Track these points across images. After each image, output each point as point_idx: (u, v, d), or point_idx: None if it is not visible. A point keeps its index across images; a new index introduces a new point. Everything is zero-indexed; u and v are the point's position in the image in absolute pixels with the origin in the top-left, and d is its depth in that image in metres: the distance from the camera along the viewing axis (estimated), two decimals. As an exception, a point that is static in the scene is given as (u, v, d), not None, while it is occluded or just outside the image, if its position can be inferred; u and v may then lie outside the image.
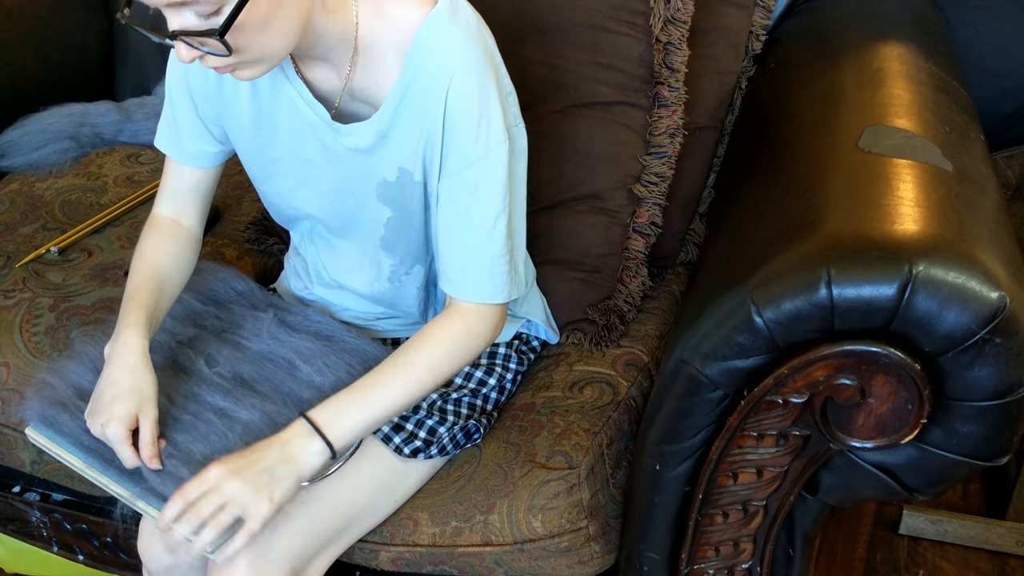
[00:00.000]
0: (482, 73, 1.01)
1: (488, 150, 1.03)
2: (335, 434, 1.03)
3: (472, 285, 1.08)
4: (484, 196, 1.05)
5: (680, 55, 1.33)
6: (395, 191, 1.10)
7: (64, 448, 1.12)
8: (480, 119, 1.02)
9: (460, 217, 1.06)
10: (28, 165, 1.71)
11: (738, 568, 1.10)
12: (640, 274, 1.37)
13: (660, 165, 1.35)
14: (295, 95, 1.08)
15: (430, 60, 1.00)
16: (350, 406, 1.04)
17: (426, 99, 1.02)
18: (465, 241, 1.07)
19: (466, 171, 1.04)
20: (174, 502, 1.00)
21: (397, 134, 1.06)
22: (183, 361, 1.20)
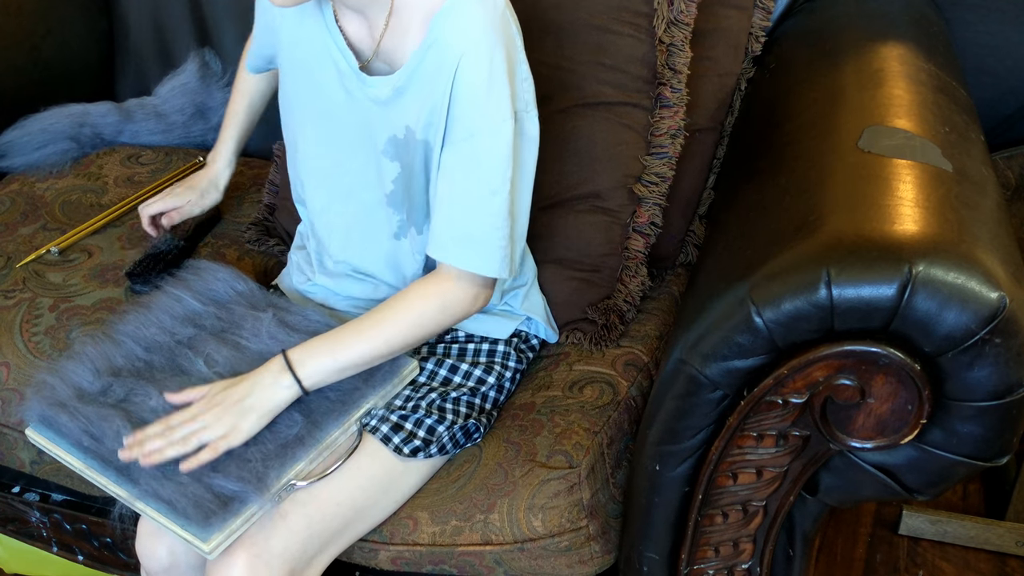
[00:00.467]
0: (494, 56, 1.05)
1: (492, 125, 1.06)
2: (304, 372, 1.11)
3: (460, 251, 1.11)
4: (484, 168, 1.08)
5: (683, 57, 1.33)
6: (403, 148, 1.14)
7: (63, 449, 1.12)
8: (487, 96, 1.06)
9: (458, 185, 1.10)
10: (28, 165, 1.71)
11: (738, 568, 1.10)
12: (640, 274, 1.38)
13: (661, 165, 1.35)
14: (331, 42, 1.15)
15: (449, 33, 1.05)
16: (321, 349, 1.12)
17: (438, 69, 1.07)
18: (460, 208, 1.10)
19: (468, 142, 1.08)
20: (157, 425, 1.10)
21: (409, 94, 1.11)
22: (183, 361, 1.20)
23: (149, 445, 1.08)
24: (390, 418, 1.17)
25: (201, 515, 1.04)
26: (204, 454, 1.07)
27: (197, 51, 1.82)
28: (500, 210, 1.09)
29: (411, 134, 1.13)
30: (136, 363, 1.20)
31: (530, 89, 1.11)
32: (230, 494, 1.06)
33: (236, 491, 1.06)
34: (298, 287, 1.34)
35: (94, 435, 1.11)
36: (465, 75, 1.05)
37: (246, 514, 1.06)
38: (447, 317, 1.14)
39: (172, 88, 1.80)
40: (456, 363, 1.25)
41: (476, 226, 1.10)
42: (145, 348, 1.21)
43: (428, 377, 1.23)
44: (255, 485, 1.06)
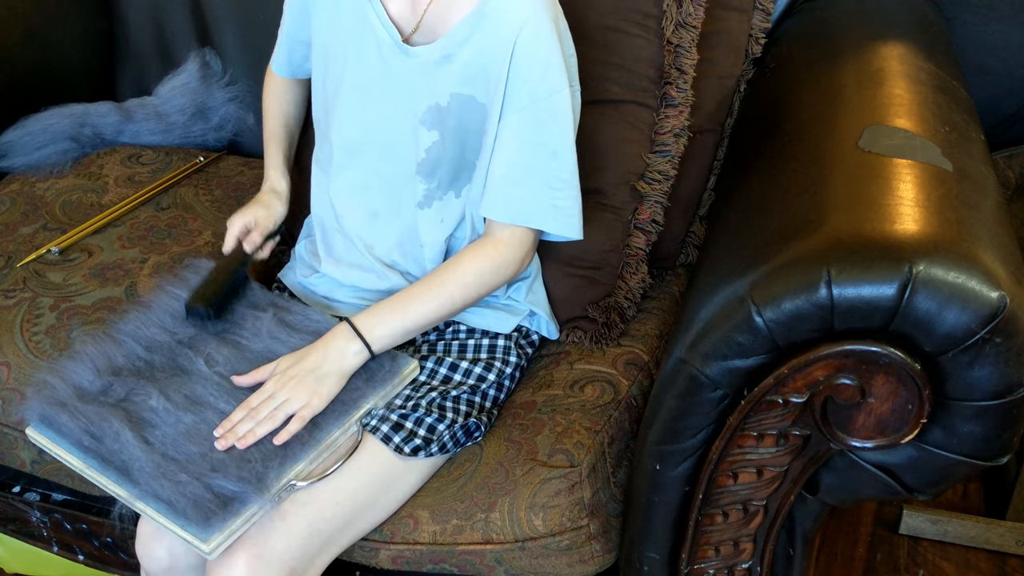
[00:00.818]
0: (550, 29, 1.11)
1: (551, 92, 1.12)
2: (373, 337, 1.16)
3: (530, 214, 1.16)
4: (545, 132, 1.13)
5: (690, 58, 1.35)
6: (446, 115, 1.17)
7: (64, 448, 1.12)
8: (546, 67, 1.11)
9: (520, 151, 1.14)
10: (29, 165, 1.71)
11: (738, 568, 1.10)
12: (640, 271, 1.38)
13: (664, 163, 1.36)
14: (372, 15, 1.18)
15: (508, 5, 1.11)
16: (388, 315, 1.17)
17: (494, 40, 1.12)
18: (522, 172, 1.15)
19: (527, 110, 1.12)
20: (239, 410, 1.13)
21: (458, 62, 1.15)
22: (183, 361, 1.20)
23: (240, 429, 1.11)
24: (390, 417, 1.17)
25: (201, 515, 1.04)
26: (292, 424, 1.11)
27: (197, 51, 1.82)
28: (560, 171, 1.15)
29: (459, 98, 1.16)
30: (136, 362, 1.20)
31: (575, 65, 1.16)
32: (230, 494, 1.06)
33: (236, 491, 1.06)
34: (302, 281, 1.35)
35: (94, 435, 1.11)
36: (524, 45, 1.10)
37: (246, 514, 1.06)
38: (500, 278, 1.20)
39: (172, 88, 1.80)
40: (456, 361, 1.25)
41: (543, 186, 1.15)
42: (146, 347, 1.21)
43: (428, 376, 1.23)
44: (255, 485, 1.06)
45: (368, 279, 1.28)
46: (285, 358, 1.17)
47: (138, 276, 1.46)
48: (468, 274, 1.18)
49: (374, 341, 1.16)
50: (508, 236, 1.18)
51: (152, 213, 1.62)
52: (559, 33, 1.12)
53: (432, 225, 1.25)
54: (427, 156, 1.20)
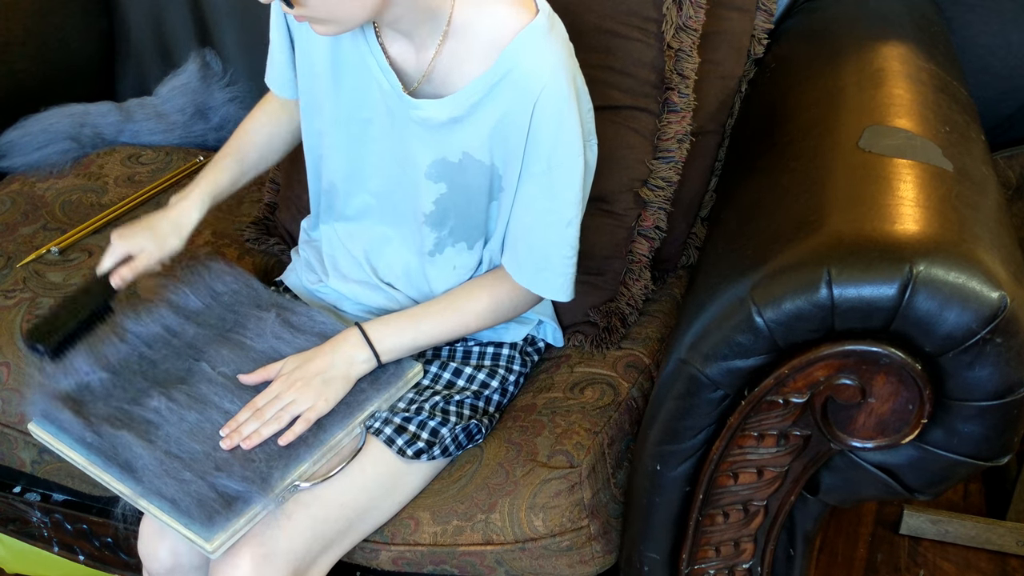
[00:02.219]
0: (569, 92, 1.06)
1: (568, 160, 1.09)
2: (382, 348, 1.16)
3: (539, 280, 1.16)
4: (560, 200, 1.11)
5: (691, 62, 1.34)
6: (455, 171, 1.14)
7: (66, 444, 1.12)
8: (565, 131, 1.07)
9: (536, 217, 1.13)
10: (29, 165, 1.71)
11: (739, 568, 1.10)
12: (643, 278, 1.38)
13: (667, 170, 1.35)
14: (371, 60, 1.12)
15: (525, 66, 1.05)
16: (401, 328, 1.17)
17: (512, 101, 1.07)
18: (539, 239, 1.14)
19: (546, 175, 1.09)
20: (245, 410, 1.13)
21: (471, 122, 1.10)
22: (185, 360, 1.20)
23: (246, 429, 1.11)
24: (394, 420, 1.17)
25: (204, 514, 1.04)
26: (298, 426, 1.11)
27: (198, 51, 1.82)
28: (573, 240, 1.14)
29: (472, 160, 1.12)
30: (139, 360, 1.20)
31: (592, 118, 1.13)
32: (234, 493, 1.06)
33: (240, 491, 1.06)
34: (308, 286, 1.33)
35: (97, 432, 1.11)
36: (545, 110, 1.06)
37: (249, 514, 1.06)
38: (515, 312, 1.21)
39: (172, 88, 1.80)
40: (460, 367, 1.25)
41: (553, 255, 1.14)
42: (148, 345, 1.21)
43: (432, 380, 1.23)
44: (259, 485, 1.06)
45: (375, 298, 1.28)
46: (292, 359, 1.17)
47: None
48: (485, 307, 1.19)
49: (383, 352, 1.16)
50: None
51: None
52: (577, 93, 1.08)
53: (444, 272, 1.23)
54: (436, 208, 1.17)
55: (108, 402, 1.15)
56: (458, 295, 1.20)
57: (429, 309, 1.19)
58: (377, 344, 1.16)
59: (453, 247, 1.21)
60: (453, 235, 1.20)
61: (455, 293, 1.20)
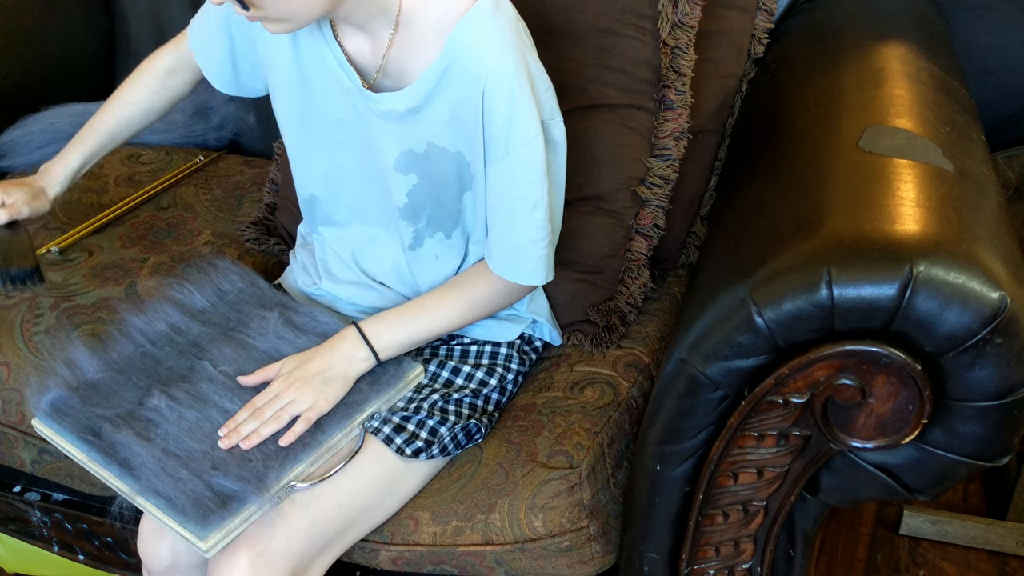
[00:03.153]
0: (518, 71, 1.05)
1: (525, 141, 1.08)
2: (380, 345, 1.16)
3: (510, 266, 1.15)
4: (522, 183, 1.10)
5: (687, 59, 1.33)
6: (423, 161, 1.14)
7: (68, 441, 1.12)
8: (516, 115, 1.06)
9: (502, 203, 1.12)
10: (29, 165, 1.71)
11: (739, 568, 1.10)
12: (642, 276, 1.37)
13: (664, 168, 1.35)
14: (331, 58, 1.13)
15: (470, 52, 1.05)
16: (397, 323, 1.17)
17: (462, 87, 1.07)
18: (506, 225, 1.13)
19: (503, 161, 1.09)
20: (243, 411, 1.13)
21: (428, 112, 1.10)
22: (189, 359, 1.20)
23: (244, 429, 1.11)
24: (392, 419, 1.17)
25: (199, 513, 1.04)
26: (298, 426, 1.11)
27: (198, 51, 1.82)
28: (541, 222, 1.12)
29: (435, 148, 1.13)
30: (142, 358, 1.20)
31: (552, 96, 1.12)
32: (229, 493, 1.06)
33: (235, 490, 1.06)
34: (304, 289, 1.34)
35: (97, 429, 1.12)
36: (495, 93, 1.05)
37: (244, 514, 1.06)
38: (510, 300, 1.22)
39: (173, 88, 1.80)
40: (458, 365, 1.25)
41: (521, 239, 1.13)
42: (152, 343, 1.22)
43: (430, 379, 1.23)
44: (254, 485, 1.06)
45: (368, 297, 1.28)
46: (291, 359, 1.17)
47: (138, 275, 1.46)
48: (480, 296, 1.19)
49: (381, 349, 1.16)
50: None
51: (152, 212, 1.62)
52: (529, 74, 1.06)
53: (427, 264, 1.23)
54: (409, 200, 1.18)
55: (110, 400, 1.15)
56: (451, 286, 1.20)
57: (424, 303, 1.19)
58: (374, 342, 1.16)
59: (432, 238, 1.21)
60: (430, 226, 1.20)
61: (449, 285, 1.20)
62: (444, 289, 1.20)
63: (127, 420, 1.12)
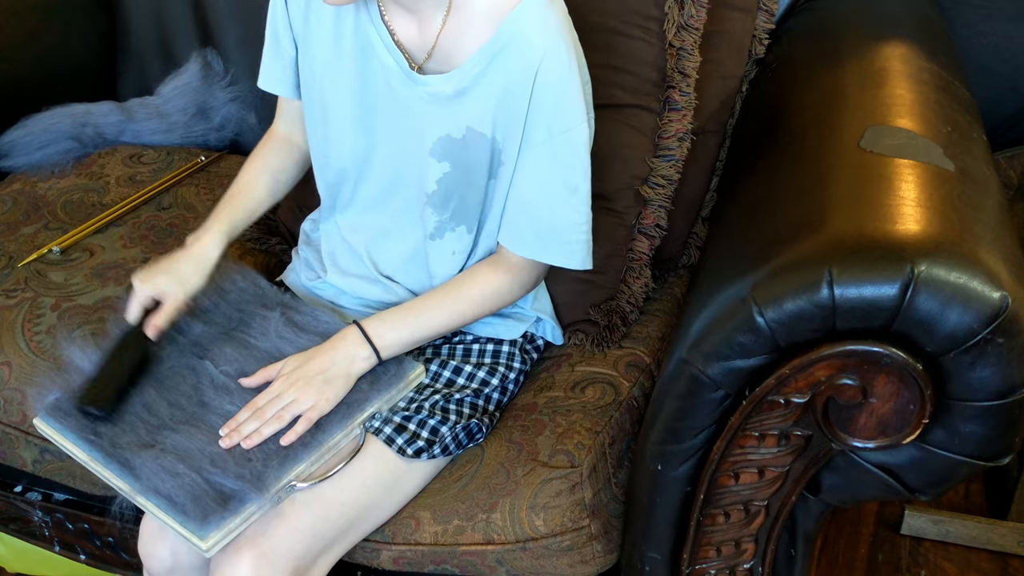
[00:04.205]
0: (571, 58, 1.09)
1: (571, 126, 1.10)
2: (383, 344, 1.16)
3: (546, 248, 1.16)
4: (564, 166, 1.12)
5: (692, 61, 1.34)
6: (458, 148, 1.15)
7: (70, 440, 1.13)
8: (566, 98, 1.09)
9: (539, 186, 1.13)
10: (30, 165, 1.71)
11: (740, 568, 1.10)
12: (643, 275, 1.38)
13: (667, 168, 1.36)
14: (376, 39, 1.13)
15: (525, 36, 1.07)
16: (400, 322, 1.17)
17: (513, 71, 1.08)
18: (543, 207, 1.14)
19: (549, 143, 1.11)
20: (245, 410, 1.12)
21: (474, 95, 1.11)
22: (190, 358, 1.20)
23: (245, 428, 1.11)
24: (393, 419, 1.17)
25: (200, 512, 1.04)
26: (299, 425, 1.11)
27: (199, 51, 1.82)
28: (579, 206, 1.14)
29: (474, 133, 1.13)
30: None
31: (590, 92, 1.14)
32: (229, 492, 1.06)
33: (235, 489, 1.06)
34: (306, 284, 1.34)
35: (98, 429, 1.12)
36: (546, 78, 1.08)
37: (244, 513, 1.06)
38: (512, 297, 1.21)
39: (174, 88, 1.80)
40: (460, 364, 1.25)
41: (560, 221, 1.14)
42: (153, 342, 1.21)
43: (432, 379, 1.23)
44: (254, 484, 1.06)
45: (374, 291, 1.28)
46: (292, 358, 1.17)
47: (139, 276, 1.46)
48: (482, 293, 1.19)
49: (383, 348, 1.16)
50: (524, 263, 1.19)
51: (153, 213, 1.62)
52: (578, 62, 1.10)
53: (443, 257, 1.23)
54: (438, 188, 1.17)
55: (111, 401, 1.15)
56: (454, 284, 1.20)
57: (426, 302, 1.19)
58: (376, 340, 1.16)
59: (453, 231, 1.21)
60: (454, 218, 1.20)
61: (451, 283, 1.20)
62: (446, 287, 1.20)
63: (128, 419, 1.13)
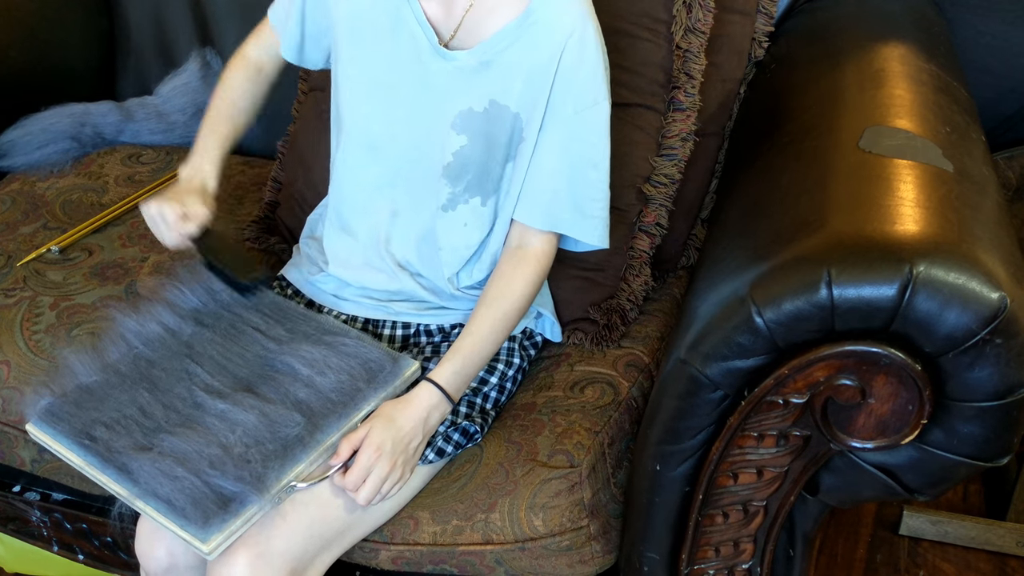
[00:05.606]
0: (595, 39, 1.14)
1: (595, 102, 1.14)
2: (456, 394, 1.17)
3: (565, 222, 1.18)
4: (586, 143, 1.16)
5: (698, 63, 1.36)
6: (480, 121, 1.17)
7: (64, 445, 1.12)
8: (591, 75, 1.14)
9: (562, 160, 1.16)
10: (29, 165, 1.71)
11: (738, 568, 1.10)
12: (643, 274, 1.38)
13: (670, 167, 1.36)
14: (409, 16, 1.18)
15: (555, 13, 1.12)
16: (464, 367, 1.17)
17: (540, 47, 1.13)
18: (564, 182, 1.16)
19: (571, 119, 1.14)
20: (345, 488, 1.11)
21: (499, 68, 1.15)
22: (182, 360, 1.20)
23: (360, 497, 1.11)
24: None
25: (200, 515, 1.03)
26: (390, 502, 1.15)
27: (198, 51, 1.83)
28: (599, 183, 1.18)
29: (496, 106, 1.16)
30: (135, 360, 1.20)
31: (609, 78, 1.17)
32: (229, 494, 1.05)
33: (236, 491, 1.05)
34: (308, 277, 1.33)
35: (93, 433, 1.11)
36: (572, 54, 1.12)
37: (246, 515, 1.05)
38: (539, 288, 1.22)
39: (173, 88, 1.80)
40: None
41: (581, 196, 1.17)
42: (146, 344, 1.21)
43: (431, 377, 1.23)
44: (254, 486, 1.06)
45: (378, 279, 1.28)
46: (378, 426, 1.12)
47: (138, 275, 1.46)
48: (525, 295, 1.19)
49: (454, 395, 1.17)
50: (544, 246, 1.20)
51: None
52: (601, 46, 1.14)
53: (454, 228, 1.23)
54: (454, 160, 1.19)
55: (105, 403, 1.14)
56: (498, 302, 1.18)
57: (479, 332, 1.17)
58: (455, 395, 1.16)
59: (467, 203, 1.22)
60: (468, 190, 1.21)
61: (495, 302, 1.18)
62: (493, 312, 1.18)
63: (122, 423, 1.12)
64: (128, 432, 1.11)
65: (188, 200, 1.21)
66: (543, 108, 1.14)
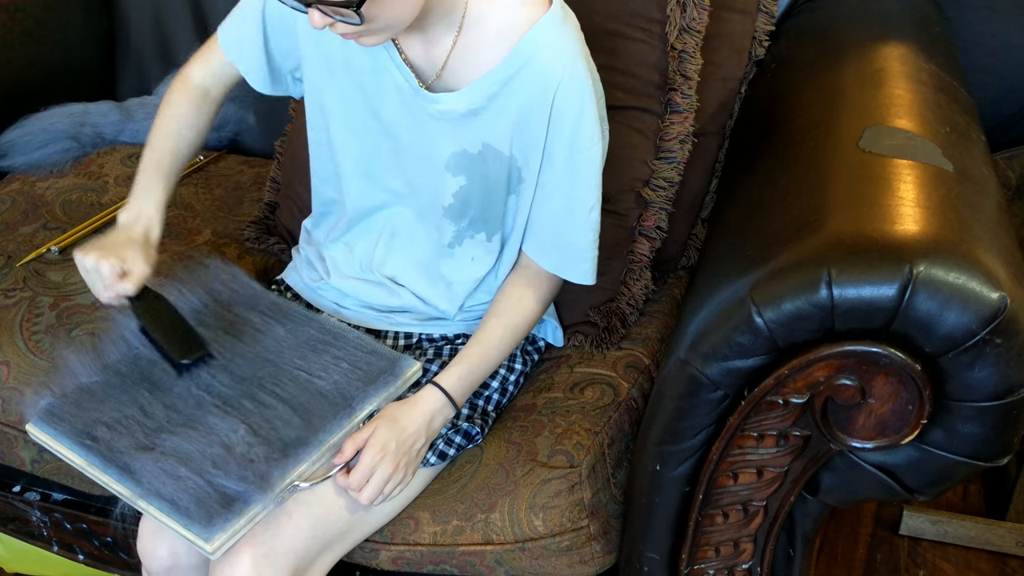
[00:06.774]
0: (586, 78, 1.09)
1: (589, 145, 1.12)
2: (460, 399, 1.17)
3: (568, 266, 1.19)
4: (582, 186, 1.14)
5: (694, 63, 1.34)
6: (475, 163, 1.15)
7: (65, 446, 1.12)
8: (583, 117, 1.10)
9: (562, 203, 1.15)
10: (29, 165, 1.71)
11: (738, 568, 1.10)
12: (643, 277, 1.38)
13: (669, 170, 1.36)
14: (385, 57, 1.13)
15: (544, 56, 1.08)
16: (470, 373, 1.17)
17: (532, 91, 1.09)
18: (564, 225, 1.16)
19: (567, 162, 1.12)
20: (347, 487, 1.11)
21: (489, 114, 1.12)
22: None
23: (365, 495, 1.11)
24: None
25: (204, 514, 1.03)
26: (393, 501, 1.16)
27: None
28: (595, 224, 1.16)
29: (491, 150, 1.14)
30: (135, 360, 1.20)
31: (603, 104, 1.15)
32: (233, 494, 1.05)
33: (239, 491, 1.05)
34: (309, 284, 1.33)
35: (94, 433, 1.11)
36: (565, 99, 1.09)
37: (249, 514, 1.05)
38: (548, 306, 1.24)
39: (173, 88, 1.80)
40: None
41: (578, 240, 1.17)
42: (145, 345, 1.21)
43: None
44: (258, 485, 1.06)
45: (378, 295, 1.28)
46: (382, 427, 1.12)
47: (138, 276, 1.46)
48: (535, 312, 1.21)
49: (460, 402, 1.17)
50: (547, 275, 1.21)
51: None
52: (593, 80, 1.11)
53: (462, 264, 1.23)
54: (455, 200, 1.18)
55: (106, 403, 1.14)
56: (508, 313, 1.19)
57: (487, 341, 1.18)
58: (459, 400, 1.17)
59: (472, 238, 1.22)
60: (473, 226, 1.21)
61: (504, 312, 1.19)
62: (503, 323, 1.19)
63: (123, 423, 1.12)
64: (129, 432, 1.11)
65: (129, 255, 1.13)
66: (540, 152, 1.12)
